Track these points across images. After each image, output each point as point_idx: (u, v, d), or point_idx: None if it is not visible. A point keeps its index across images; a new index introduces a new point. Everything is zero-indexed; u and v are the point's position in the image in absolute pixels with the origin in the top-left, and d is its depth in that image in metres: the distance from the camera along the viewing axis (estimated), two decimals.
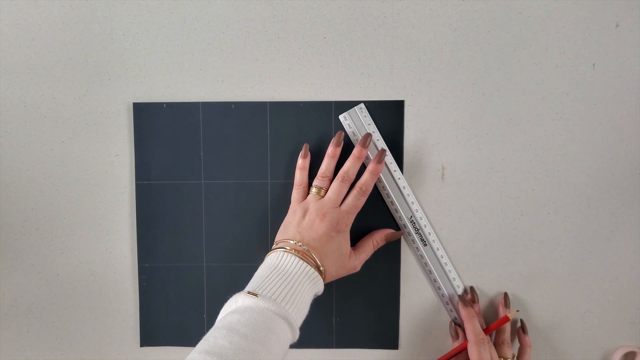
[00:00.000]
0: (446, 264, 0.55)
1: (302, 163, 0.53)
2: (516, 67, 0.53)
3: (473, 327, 0.52)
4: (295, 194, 0.53)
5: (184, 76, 0.54)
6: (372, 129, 0.54)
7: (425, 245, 0.54)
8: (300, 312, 0.45)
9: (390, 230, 0.54)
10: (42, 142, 0.55)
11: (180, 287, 0.56)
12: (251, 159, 0.55)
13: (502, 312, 0.54)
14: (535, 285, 0.56)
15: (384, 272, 0.56)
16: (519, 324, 0.55)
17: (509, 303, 0.55)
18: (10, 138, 0.55)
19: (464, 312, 0.53)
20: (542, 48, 0.53)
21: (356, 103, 0.54)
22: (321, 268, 0.48)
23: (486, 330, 0.53)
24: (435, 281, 0.55)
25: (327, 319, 0.56)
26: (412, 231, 0.54)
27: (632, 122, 0.54)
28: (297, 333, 0.45)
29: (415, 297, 0.56)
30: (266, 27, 0.54)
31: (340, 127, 0.54)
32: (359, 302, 0.56)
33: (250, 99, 0.55)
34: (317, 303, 0.49)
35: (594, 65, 0.53)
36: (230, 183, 0.55)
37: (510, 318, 0.53)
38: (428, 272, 0.55)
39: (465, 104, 0.54)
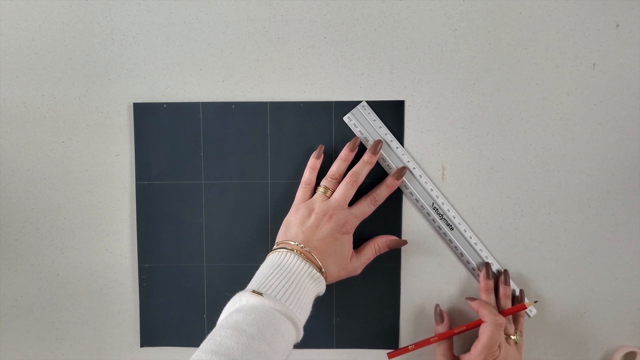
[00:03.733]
0: (476, 244, 0.55)
1: (314, 163, 0.53)
2: (516, 67, 0.54)
3: (489, 310, 0.51)
4: (301, 192, 0.53)
5: (184, 76, 0.54)
6: (378, 124, 0.54)
7: (452, 229, 0.54)
8: (304, 311, 0.45)
9: (393, 237, 0.54)
10: (42, 142, 0.55)
11: (180, 287, 0.56)
12: (251, 159, 0.55)
13: (483, 282, 0.54)
14: (535, 285, 0.56)
15: (384, 272, 0.56)
16: (517, 293, 0.55)
17: (509, 279, 0.54)
18: (11, 138, 0.55)
19: (482, 283, 0.53)
20: (542, 48, 0.53)
21: (356, 103, 0.54)
22: (323, 270, 0.48)
23: (506, 312, 0.52)
24: (468, 263, 0.55)
25: (327, 319, 0.56)
26: (437, 217, 0.54)
27: (632, 122, 0.54)
28: (301, 333, 0.45)
29: (416, 297, 0.56)
30: (266, 27, 0.54)
31: (344, 127, 0.54)
32: (359, 302, 0.56)
33: (251, 99, 0.55)
34: (318, 303, 0.49)
35: (594, 65, 0.53)
36: (231, 183, 0.55)
37: (527, 307, 0.53)
38: (460, 255, 0.55)
39: (466, 104, 0.54)
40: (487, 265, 0.54)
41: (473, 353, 0.49)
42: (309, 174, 0.53)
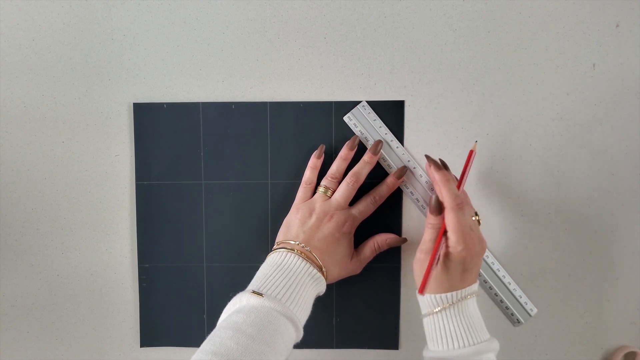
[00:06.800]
0: None
1: (314, 162, 0.53)
2: (516, 67, 0.53)
3: (450, 190, 0.46)
4: (301, 192, 0.53)
5: (184, 76, 0.54)
6: (379, 124, 0.54)
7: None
8: (303, 311, 0.45)
9: (392, 235, 0.54)
10: (42, 142, 0.55)
11: (180, 287, 0.56)
12: (251, 159, 0.55)
13: (434, 175, 0.49)
14: (535, 285, 0.56)
15: (384, 272, 0.56)
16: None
17: (442, 163, 0.50)
18: (10, 138, 0.55)
19: (439, 176, 0.47)
20: (542, 48, 0.53)
21: (356, 103, 0.54)
22: (323, 269, 0.48)
23: (460, 180, 0.49)
24: None
25: (327, 319, 0.56)
26: None
27: (632, 122, 0.54)
28: (301, 333, 0.45)
29: (416, 297, 0.56)
30: (266, 27, 0.54)
31: (344, 127, 0.54)
32: (359, 302, 0.56)
33: (251, 99, 0.55)
34: (318, 303, 0.49)
35: (594, 65, 0.53)
36: (231, 183, 0.55)
37: (474, 149, 0.50)
38: None
39: (466, 104, 0.54)
40: (427, 158, 0.49)
41: (451, 245, 0.46)
42: (309, 174, 0.53)
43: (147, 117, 0.55)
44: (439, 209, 0.47)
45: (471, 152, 0.50)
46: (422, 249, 0.48)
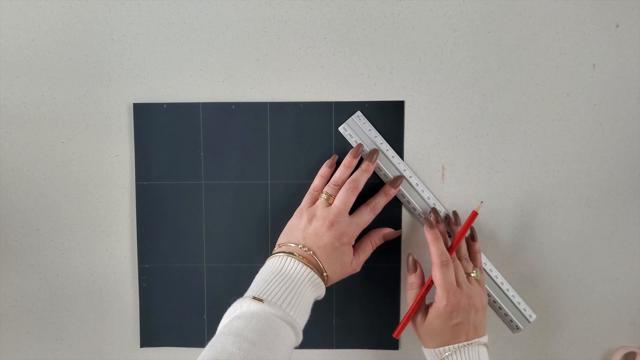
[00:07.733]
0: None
1: (325, 171, 0.53)
2: (516, 67, 0.54)
3: (437, 248, 0.50)
4: (307, 198, 0.53)
5: (184, 76, 0.54)
6: (374, 134, 0.54)
7: (450, 236, 0.54)
8: (303, 316, 0.46)
9: (388, 229, 0.54)
10: (42, 142, 0.55)
11: (180, 287, 0.56)
12: (251, 159, 0.55)
13: (455, 231, 0.53)
14: (535, 285, 0.56)
15: (384, 272, 0.56)
16: (467, 233, 0.54)
17: (459, 220, 0.54)
18: (10, 138, 0.55)
19: (429, 235, 0.51)
20: (542, 48, 0.53)
21: (356, 103, 0.54)
22: (324, 274, 0.48)
23: (455, 242, 0.52)
24: None
25: (327, 320, 0.56)
26: None
27: (632, 123, 0.54)
28: (301, 337, 0.45)
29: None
30: (266, 28, 0.54)
31: (340, 135, 0.54)
32: (359, 302, 0.56)
33: (251, 100, 0.55)
34: (318, 304, 0.49)
35: (594, 65, 0.53)
36: (230, 183, 0.55)
37: (478, 211, 0.52)
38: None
39: (466, 105, 0.54)
40: (434, 211, 0.54)
41: (436, 300, 0.49)
42: (318, 182, 0.53)
43: (147, 117, 0.55)
44: (413, 267, 0.53)
45: (474, 213, 0.52)
46: (408, 303, 0.52)
